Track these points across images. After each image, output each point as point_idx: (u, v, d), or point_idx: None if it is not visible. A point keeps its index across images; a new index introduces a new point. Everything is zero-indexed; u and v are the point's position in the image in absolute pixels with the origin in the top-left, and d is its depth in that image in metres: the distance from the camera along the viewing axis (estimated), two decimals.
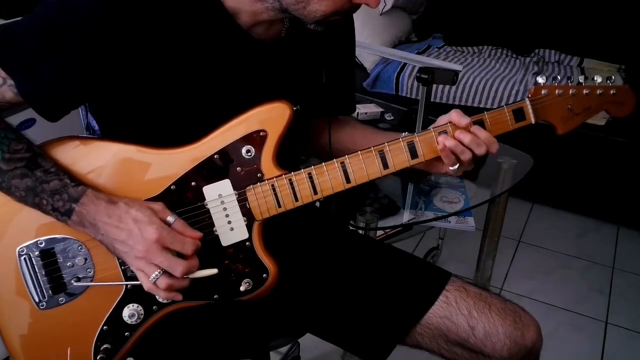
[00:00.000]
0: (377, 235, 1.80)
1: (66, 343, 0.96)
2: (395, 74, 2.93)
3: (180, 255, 0.88)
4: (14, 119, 0.95)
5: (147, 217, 0.86)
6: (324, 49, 1.08)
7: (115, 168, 0.94)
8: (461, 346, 1.08)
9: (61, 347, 0.96)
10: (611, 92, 1.01)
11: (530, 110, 0.99)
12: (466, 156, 0.97)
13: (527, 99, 1.00)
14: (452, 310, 1.08)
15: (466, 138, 0.96)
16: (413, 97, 2.90)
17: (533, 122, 1.00)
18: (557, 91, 1.00)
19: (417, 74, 1.73)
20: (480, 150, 0.97)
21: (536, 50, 3.16)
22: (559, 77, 1.01)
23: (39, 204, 0.89)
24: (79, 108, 1.40)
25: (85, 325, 0.95)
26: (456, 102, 2.83)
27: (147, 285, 0.88)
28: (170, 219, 0.89)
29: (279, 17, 0.94)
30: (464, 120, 0.97)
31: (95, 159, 0.95)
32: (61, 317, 0.95)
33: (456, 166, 0.99)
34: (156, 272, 0.86)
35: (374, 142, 1.00)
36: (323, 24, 0.92)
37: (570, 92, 1.00)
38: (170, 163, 0.95)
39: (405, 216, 1.72)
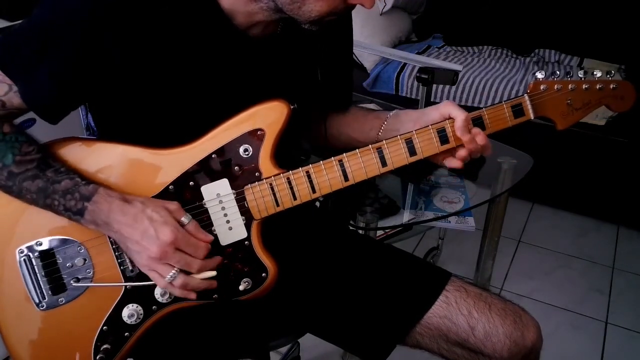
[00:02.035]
0: (377, 235, 1.80)
1: (66, 343, 0.96)
2: (395, 74, 2.93)
3: None
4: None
5: (163, 218, 0.87)
6: (320, 47, 1.08)
7: (113, 169, 0.94)
8: (461, 346, 1.08)
9: (61, 348, 0.96)
10: (611, 86, 1.00)
11: (529, 106, 0.99)
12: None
13: (525, 95, 0.99)
14: (452, 310, 1.08)
15: (472, 147, 0.99)
16: (413, 97, 2.89)
17: (532, 117, 0.99)
18: (556, 86, 0.99)
19: (417, 74, 1.73)
20: (488, 152, 1.00)
21: (536, 50, 3.15)
22: (558, 72, 1.01)
23: (51, 204, 0.89)
24: (79, 108, 1.41)
25: (85, 326, 0.95)
26: (456, 102, 2.82)
27: (162, 284, 0.89)
28: (184, 219, 0.89)
29: (274, 17, 0.94)
30: (463, 117, 0.98)
31: (93, 160, 0.95)
32: (61, 318, 0.95)
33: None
34: (173, 272, 0.87)
35: (364, 125, 1.06)
36: (318, 24, 0.92)
37: (570, 87, 1.00)
38: (168, 163, 0.95)
39: (405, 216, 1.71)
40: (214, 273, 0.92)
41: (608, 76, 1.00)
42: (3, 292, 0.95)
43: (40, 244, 0.93)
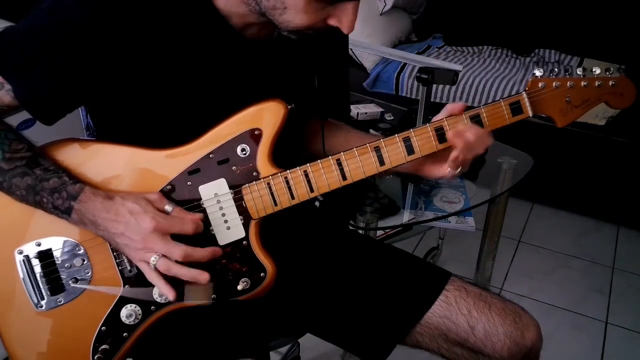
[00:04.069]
0: (377, 235, 1.80)
1: (65, 343, 0.96)
2: (395, 74, 2.93)
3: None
4: (14, 119, 0.95)
5: (142, 207, 0.87)
6: (317, 52, 1.07)
7: (111, 169, 0.94)
8: (461, 346, 1.08)
9: (60, 348, 0.96)
10: (610, 83, 1.00)
11: (528, 103, 0.98)
12: (471, 154, 0.97)
13: (524, 92, 0.99)
14: (452, 310, 1.08)
15: (472, 135, 0.96)
16: (413, 97, 2.89)
17: (530, 115, 0.99)
18: (554, 83, 0.99)
19: (417, 74, 1.73)
20: (480, 149, 0.97)
21: (536, 50, 3.15)
22: (556, 70, 1.01)
23: (40, 202, 0.89)
24: (79, 108, 1.40)
25: (83, 326, 0.95)
26: (456, 102, 2.82)
27: (149, 275, 0.89)
28: (168, 207, 0.90)
29: (262, 20, 0.94)
30: (457, 107, 0.98)
31: (92, 161, 0.95)
32: (60, 318, 0.95)
33: (459, 169, 0.99)
34: (154, 256, 0.87)
35: None
36: (296, 34, 0.92)
37: (568, 84, 0.99)
38: (166, 163, 0.95)
39: (405, 216, 1.71)
40: (206, 276, 0.90)
41: (607, 73, 1.00)
42: (2, 292, 0.95)
43: (39, 244, 0.93)
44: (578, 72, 1.00)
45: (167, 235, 0.87)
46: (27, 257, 0.93)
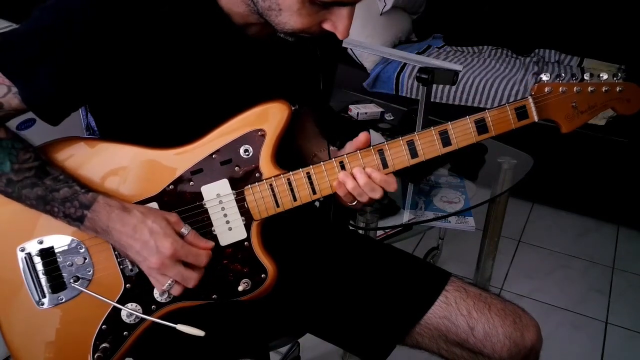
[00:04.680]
0: (377, 235, 1.80)
1: (65, 341, 0.96)
2: (395, 74, 2.92)
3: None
4: (14, 119, 0.95)
5: (163, 230, 0.87)
6: (318, 50, 1.07)
7: (114, 168, 0.94)
8: (461, 346, 1.08)
9: (60, 346, 0.96)
10: (617, 89, 0.99)
11: (533, 108, 0.97)
12: (364, 198, 0.97)
13: (529, 97, 0.98)
14: (451, 311, 1.08)
15: (362, 179, 0.95)
16: (413, 97, 2.89)
17: (536, 120, 0.98)
18: (561, 88, 0.98)
19: (417, 74, 1.73)
20: (375, 195, 0.96)
21: (536, 50, 3.15)
22: (563, 75, 1.00)
23: (51, 211, 0.90)
24: (79, 108, 1.40)
25: (84, 324, 0.95)
26: (456, 102, 2.82)
27: (160, 290, 0.92)
28: (184, 230, 0.90)
29: (261, 20, 0.94)
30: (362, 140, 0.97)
31: (93, 159, 0.95)
32: (61, 316, 0.95)
33: (354, 202, 0.98)
34: (169, 282, 0.89)
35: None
36: (293, 37, 0.92)
37: (575, 89, 0.98)
38: (169, 163, 0.95)
39: (405, 216, 1.72)
40: (202, 333, 0.92)
41: (615, 78, 0.98)
42: (3, 290, 0.95)
43: (41, 242, 0.94)
44: (585, 77, 0.98)
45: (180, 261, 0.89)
46: (29, 254, 0.93)
